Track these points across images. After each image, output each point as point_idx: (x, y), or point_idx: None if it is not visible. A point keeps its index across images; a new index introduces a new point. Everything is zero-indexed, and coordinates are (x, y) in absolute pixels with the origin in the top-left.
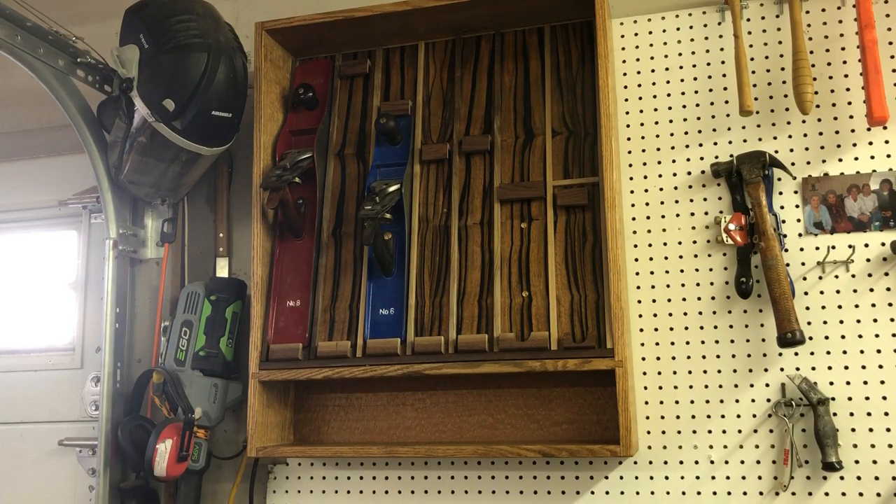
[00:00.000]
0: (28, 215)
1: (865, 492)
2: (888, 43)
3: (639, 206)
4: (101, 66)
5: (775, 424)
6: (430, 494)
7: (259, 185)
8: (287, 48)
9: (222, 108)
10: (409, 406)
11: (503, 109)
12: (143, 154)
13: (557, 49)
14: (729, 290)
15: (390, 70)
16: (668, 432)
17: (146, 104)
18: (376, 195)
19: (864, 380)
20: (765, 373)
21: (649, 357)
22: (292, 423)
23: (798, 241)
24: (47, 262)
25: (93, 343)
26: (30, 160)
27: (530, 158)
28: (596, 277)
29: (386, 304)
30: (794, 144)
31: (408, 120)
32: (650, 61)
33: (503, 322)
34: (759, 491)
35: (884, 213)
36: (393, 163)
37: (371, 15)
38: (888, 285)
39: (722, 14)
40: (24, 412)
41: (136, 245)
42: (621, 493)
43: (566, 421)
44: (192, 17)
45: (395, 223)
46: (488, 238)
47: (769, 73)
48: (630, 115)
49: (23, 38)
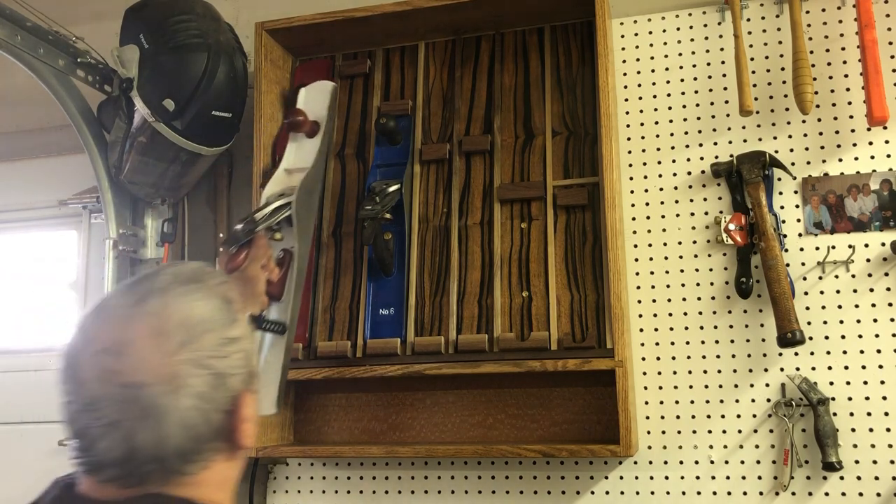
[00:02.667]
0: (28, 215)
1: (865, 492)
2: (888, 43)
3: (639, 206)
4: (101, 66)
5: (775, 424)
6: (430, 494)
7: (259, 184)
8: (287, 48)
9: (222, 108)
10: (409, 406)
11: (503, 109)
12: (143, 154)
13: (557, 49)
14: (729, 290)
15: (390, 70)
16: (668, 432)
17: (146, 104)
18: (376, 195)
19: (864, 380)
20: (765, 373)
21: (649, 357)
22: (292, 423)
23: (798, 241)
24: (47, 262)
25: None
26: (30, 160)
27: (530, 158)
28: (596, 277)
29: (386, 304)
30: (794, 144)
31: (408, 120)
32: (650, 61)
33: (503, 322)
34: (759, 491)
35: (884, 213)
36: (393, 163)
37: (371, 15)
38: (888, 285)
39: (722, 14)
40: (24, 412)
41: (136, 245)
42: (621, 493)
43: (566, 421)
44: (192, 17)
45: (395, 223)
46: (488, 238)
47: (769, 73)
48: (630, 115)
49: (23, 38)
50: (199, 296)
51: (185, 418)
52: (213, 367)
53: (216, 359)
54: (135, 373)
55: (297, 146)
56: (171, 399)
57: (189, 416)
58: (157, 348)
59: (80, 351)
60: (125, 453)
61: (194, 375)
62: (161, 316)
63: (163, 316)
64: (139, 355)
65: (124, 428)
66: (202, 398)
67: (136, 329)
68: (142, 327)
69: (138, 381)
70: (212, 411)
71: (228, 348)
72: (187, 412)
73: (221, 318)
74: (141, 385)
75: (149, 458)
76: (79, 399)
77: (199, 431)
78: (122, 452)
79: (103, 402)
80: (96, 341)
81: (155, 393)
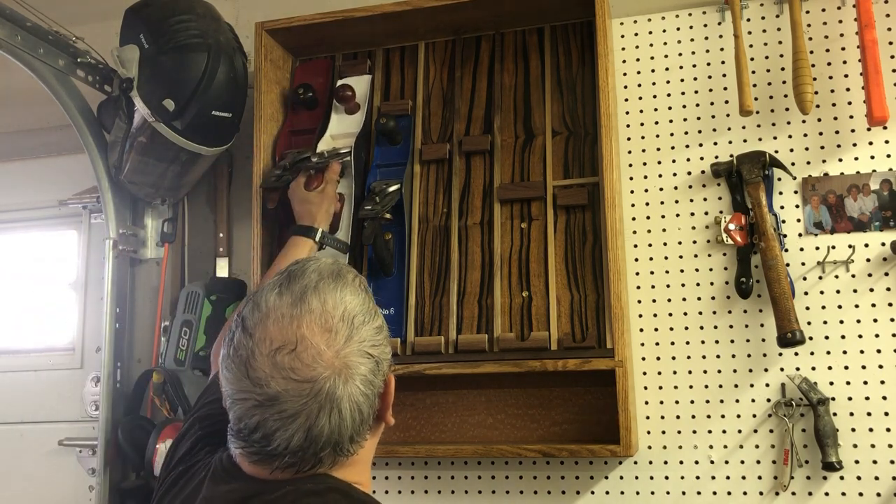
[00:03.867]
0: (28, 215)
1: (865, 492)
2: (888, 43)
3: (639, 206)
4: (101, 66)
5: (775, 424)
6: (429, 494)
7: (259, 184)
8: (287, 48)
9: (222, 108)
10: (409, 406)
11: (503, 109)
12: (143, 154)
13: (557, 49)
14: (729, 290)
15: (390, 70)
16: (668, 432)
17: (146, 104)
18: (376, 195)
19: (864, 380)
20: (765, 373)
21: (649, 357)
22: None
23: (798, 241)
24: (47, 262)
25: (93, 343)
26: (30, 160)
27: (530, 158)
28: (596, 277)
29: (386, 304)
30: (794, 144)
31: (408, 120)
32: (650, 61)
33: (503, 322)
34: (759, 491)
35: (884, 213)
36: (393, 163)
37: (371, 15)
38: (888, 285)
39: (722, 14)
40: (24, 412)
41: (136, 245)
42: (621, 493)
43: (566, 421)
44: (193, 17)
45: (395, 223)
46: (488, 238)
47: (769, 73)
48: (630, 115)
49: (23, 38)
50: (348, 291)
51: (357, 404)
52: (373, 354)
53: (374, 346)
54: (313, 367)
55: (339, 119)
56: (345, 388)
57: (359, 402)
58: (329, 344)
59: (252, 352)
60: (305, 441)
61: (361, 364)
62: (323, 313)
63: (325, 313)
64: (313, 351)
65: (306, 418)
66: (368, 384)
67: (306, 327)
68: (311, 325)
69: (317, 374)
70: (373, 395)
71: (380, 336)
72: (358, 398)
73: (370, 310)
74: (319, 378)
75: (327, 444)
76: (255, 396)
77: (365, 414)
78: (302, 441)
79: (283, 396)
80: (267, 342)
81: (332, 383)
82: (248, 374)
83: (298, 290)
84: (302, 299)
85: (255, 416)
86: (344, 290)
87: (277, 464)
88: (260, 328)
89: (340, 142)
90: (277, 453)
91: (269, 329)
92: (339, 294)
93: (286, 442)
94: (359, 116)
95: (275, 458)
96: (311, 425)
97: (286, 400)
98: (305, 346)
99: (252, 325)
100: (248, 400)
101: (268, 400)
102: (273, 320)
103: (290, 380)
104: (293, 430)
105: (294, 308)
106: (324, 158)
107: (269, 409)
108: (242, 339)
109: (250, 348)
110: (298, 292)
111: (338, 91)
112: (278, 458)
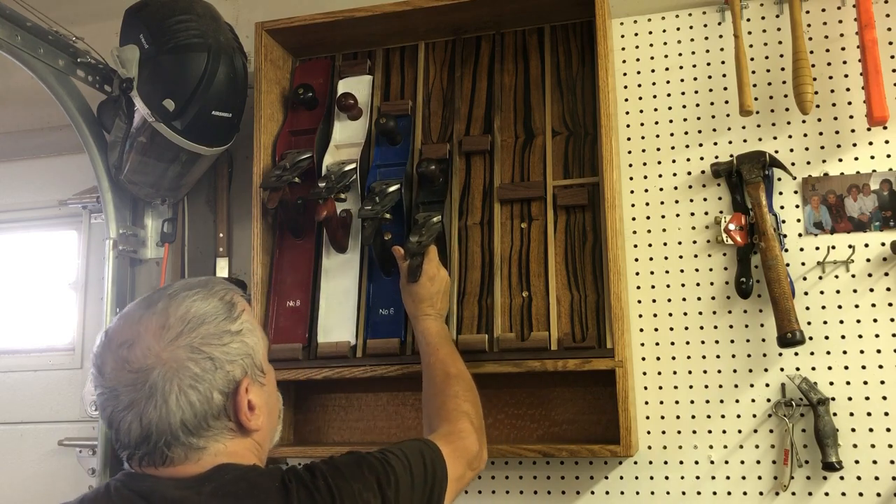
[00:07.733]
0: (28, 215)
1: (865, 492)
2: (888, 43)
3: (639, 206)
4: (101, 66)
5: (775, 424)
6: None
7: (259, 185)
8: (287, 48)
9: (222, 108)
10: (409, 406)
11: (503, 109)
12: (143, 154)
13: (557, 49)
14: (729, 290)
15: (390, 70)
16: (668, 432)
17: (146, 104)
18: (376, 195)
19: (864, 380)
20: (765, 373)
21: (649, 357)
22: (292, 423)
23: (798, 241)
24: (47, 262)
25: (93, 343)
26: (30, 160)
27: (530, 158)
28: (596, 277)
29: (386, 304)
30: (794, 144)
31: (408, 120)
32: (650, 61)
33: (503, 322)
34: (759, 491)
35: (884, 213)
36: (393, 163)
37: (371, 15)
38: (888, 285)
39: (722, 14)
40: (24, 412)
41: (136, 245)
42: (621, 493)
43: (566, 421)
44: (192, 17)
45: (395, 223)
46: (488, 238)
47: (769, 73)
48: (630, 115)
49: (23, 38)
50: (200, 297)
51: (186, 396)
52: (211, 354)
53: (214, 347)
54: (143, 359)
55: (343, 126)
56: (172, 381)
57: (188, 395)
58: (160, 338)
59: (104, 349)
60: (142, 432)
61: (191, 360)
62: (165, 313)
63: (166, 313)
64: (145, 345)
65: (137, 408)
66: (198, 379)
67: (144, 325)
68: (149, 323)
69: (147, 366)
70: (210, 392)
71: (225, 339)
72: (186, 391)
73: (219, 314)
74: (147, 369)
75: (162, 434)
76: (105, 389)
77: (198, 409)
78: (139, 431)
79: (120, 387)
80: (115, 339)
81: (157, 375)
82: (100, 370)
83: (157, 296)
84: (154, 303)
85: (108, 409)
86: (196, 297)
87: (136, 458)
88: (112, 328)
89: (345, 152)
90: (128, 445)
91: (118, 328)
92: (191, 300)
93: (127, 434)
94: (363, 122)
95: (129, 450)
96: (141, 415)
97: (122, 391)
98: (140, 341)
99: (110, 327)
100: (102, 395)
101: (111, 391)
102: (124, 320)
103: (125, 371)
104: (129, 420)
105: (143, 310)
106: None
107: (114, 401)
108: (101, 339)
109: (104, 345)
110: (155, 298)
111: (339, 101)
112: (131, 450)
